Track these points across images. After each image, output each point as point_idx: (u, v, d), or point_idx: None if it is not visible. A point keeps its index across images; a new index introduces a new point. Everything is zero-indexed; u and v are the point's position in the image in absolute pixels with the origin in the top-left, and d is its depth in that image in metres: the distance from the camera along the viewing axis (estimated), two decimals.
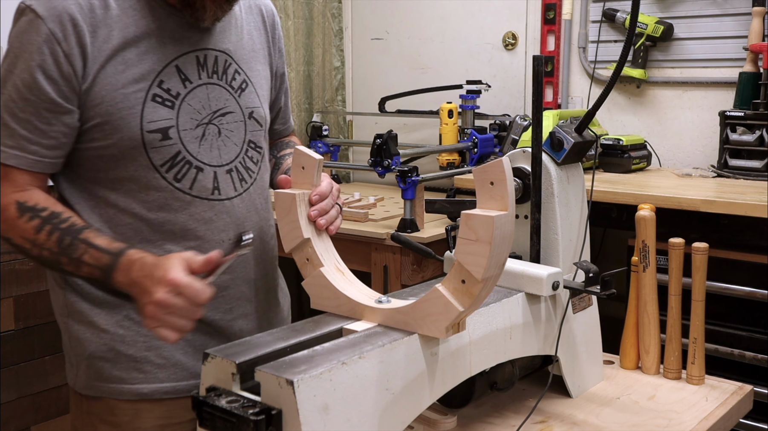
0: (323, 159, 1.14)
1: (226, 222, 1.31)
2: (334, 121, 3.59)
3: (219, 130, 1.30)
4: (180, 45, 1.26)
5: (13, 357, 2.64)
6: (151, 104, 1.23)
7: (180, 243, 1.27)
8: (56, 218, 1.18)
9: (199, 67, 1.28)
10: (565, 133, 1.31)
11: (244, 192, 1.34)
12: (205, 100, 1.28)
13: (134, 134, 1.22)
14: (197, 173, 1.27)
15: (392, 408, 0.99)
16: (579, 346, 1.37)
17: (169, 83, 1.24)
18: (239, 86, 1.34)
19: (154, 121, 1.23)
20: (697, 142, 2.83)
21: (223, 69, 1.32)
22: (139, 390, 1.28)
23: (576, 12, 3.02)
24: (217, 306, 1.32)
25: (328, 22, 3.51)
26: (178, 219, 1.27)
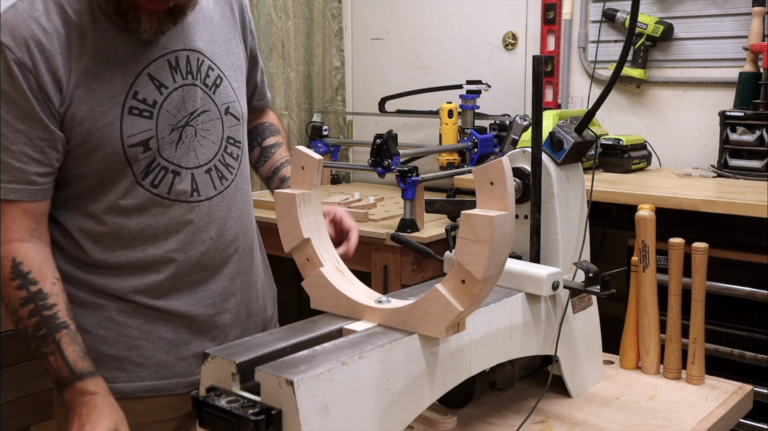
0: (323, 159, 1.14)
1: (206, 222, 1.32)
2: (334, 121, 3.59)
3: (195, 131, 1.30)
4: (148, 51, 1.24)
5: (13, 357, 2.64)
6: (129, 117, 1.22)
7: (160, 247, 1.29)
8: (42, 300, 1.19)
9: (172, 71, 1.27)
10: (565, 133, 1.31)
11: (224, 189, 1.35)
12: (181, 103, 1.28)
13: (116, 150, 1.22)
14: (174, 177, 1.28)
15: (392, 408, 0.99)
16: (579, 346, 1.37)
17: (144, 92, 1.23)
18: (213, 83, 1.33)
19: (134, 134, 1.23)
20: (697, 142, 2.83)
21: (197, 68, 1.30)
22: (121, 388, 1.29)
23: (576, 12, 3.02)
24: (198, 302, 1.34)
25: (328, 22, 3.51)
26: (158, 223, 1.28)
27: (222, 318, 1.38)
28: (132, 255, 1.28)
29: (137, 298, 1.31)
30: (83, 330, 1.28)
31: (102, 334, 1.30)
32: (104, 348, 1.30)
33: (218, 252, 1.36)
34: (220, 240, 1.35)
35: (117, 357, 1.30)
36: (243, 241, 1.42)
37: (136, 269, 1.30)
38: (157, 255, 1.30)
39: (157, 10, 1.18)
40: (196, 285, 1.35)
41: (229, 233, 1.37)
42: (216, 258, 1.36)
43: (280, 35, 3.24)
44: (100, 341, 1.30)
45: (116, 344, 1.30)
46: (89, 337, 1.29)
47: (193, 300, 1.34)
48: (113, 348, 1.30)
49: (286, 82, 3.29)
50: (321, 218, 1.15)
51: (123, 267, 1.29)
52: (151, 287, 1.31)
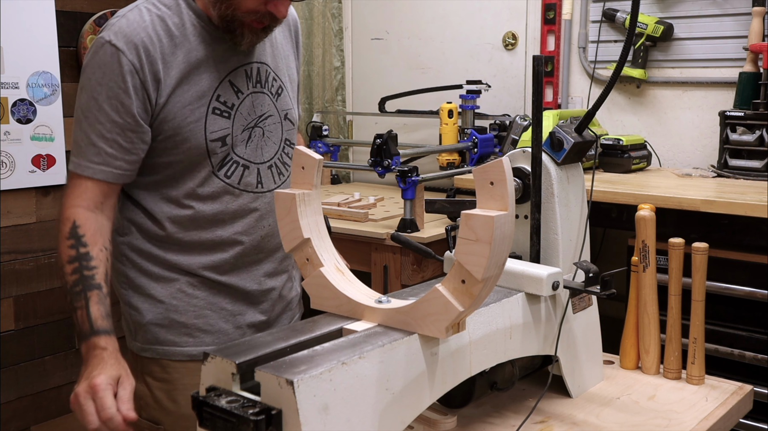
0: (323, 159, 1.14)
1: (268, 210, 1.53)
2: (334, 121, 3.59)
3: (263, 132, 1.51)
4: (230, 62, 1.45)
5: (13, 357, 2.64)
6: (212, 116, 1.43)
7: (228, 230, 1.49)
8: (86, 261, 1.34)
9: (247, 79, 1.48)
10: (565, 133, 1.31)
11: (282, 183, 1.55)
12: (251, 107, 1.49)
13: (200, 144, 1.42)
14: (244, 170, 1.48)
15: (392, 408, 0.99)
16: (579, 346, 1.37)
17: (225, 96, 1.44)
18: (276, 91, 1.54)
19: (215, 131, 1.43)
20: (697, 142, 2.83)
21: (265, 78, 1.52)
22: (189, 352, 1.50)
23: (576, 12, 3.02)
24: (253, 278, 1.54)
25: (328, 22, 3.51)
26: (228, 209, 1.48)
27: (271, 294, 1.58)
28: (204, 235, 1.48)
29: (205, 273, 1.49)
30: (158, 300, 1.49)
31: (174, 304, 1.49)
32: (175, 316, 1.49)
33: (275, 236, 1.53)
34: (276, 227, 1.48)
35: (186, 324, 1.50)
36: None
37: (207, 248, 1.49)
38: (225, 237, 1.49)
39: (257, 28, 1.41)
40: (254, 264, 1.54)
41: None
42: (272, 242, 1.54)
43: None
44: (172, 310, 1.49)
45: (186, 313, 1.49)
46: (163, 307, 1.49)
47: (250, 277, 1.54)
48: (183, 316, 1.49)
49: None
50: (321, 218, 1.15)
51: (195, 246, 1.48)
52: (218, 264, 1.50)
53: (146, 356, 1.52)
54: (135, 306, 1.51)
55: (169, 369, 1.51)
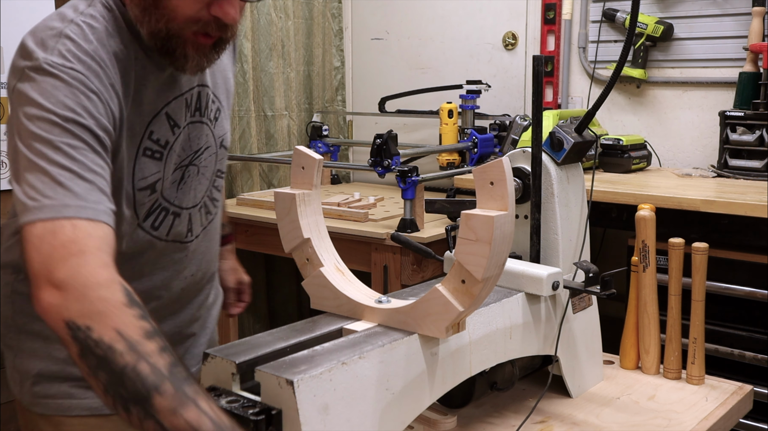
0: (323, 159, 1.14)
1: (192, 259, 1.31)
2: (334, 121, 3.59)
3: (198, 170, 1.27)
4: (171, 90, 1.18)
5: None
6: (142, 160, 1.15)
7: (146, 282, 1.24)
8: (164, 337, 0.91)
9: (186, 109, 1.22)
10: (565, 133, 1.31)
11: (208, 224, 1.33)
12: (186, 141, 1.23)
13: (127, 193, 1.16)
14: (174, 219, 1.24)
15: (392, 408, 0.99)
16: (579, 346, 1.37)
17: (159, 133, 1.17)
18: (215, 116, 1.30)
19: (144, 177, 1.16)
20: (697, 142, 2.83)
21: (205, 104, 1.26)
22: (89, 405, 1.24)
23: (576, 12, 3.02)
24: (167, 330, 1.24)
25: (328, 22, 3.51)
26: (147, 260, 1.24)
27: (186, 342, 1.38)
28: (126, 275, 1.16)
29: None
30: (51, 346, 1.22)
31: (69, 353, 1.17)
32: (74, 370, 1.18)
33: (195, 284, 1.35)
34: (198, 275, 1.35)
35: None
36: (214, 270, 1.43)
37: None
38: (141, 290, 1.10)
39: (205, 44, 1.12)
40: (170, 316, 1.33)
41: (206, 266, 1.38)
42: (192, 290, 1.35)
43: (280, 35, 3.24)
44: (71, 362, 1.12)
45: None
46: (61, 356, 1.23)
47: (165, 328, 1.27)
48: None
49: (286, 82, 3.29)
50: (321, 218, 1.15)
51: None
52: None
53: (36, 411, 1.25)
54: (24, 352, 1.26)
55: (62, 427, 1.24)
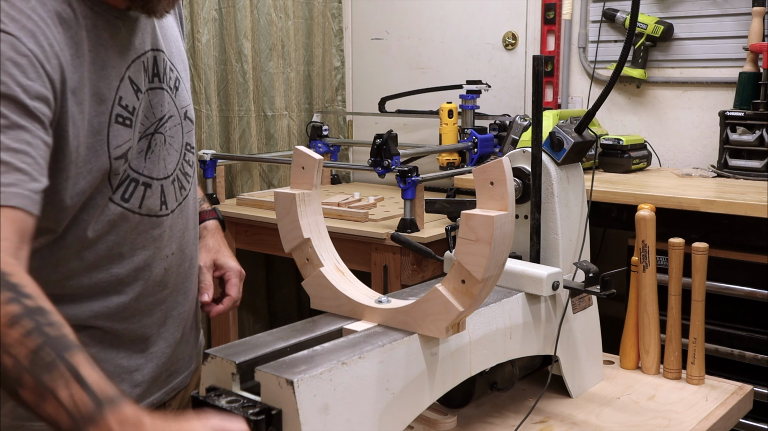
0: (323, 159, 1.14)
1: (170, 236, 1.23)
2: (334, 121, 3.59)
3: (164, 138, 1.21)
4: (129, 53, 1.13)
5: None
6: (115, 127, 1.10)
7: (126, 265, 1.18)
8: (43, 317, 0.84)
9: (145, 73, 1.16)
10: (565, 133, 1.31)
11: (183, 200, 1.27)
12: (149, 108, 1.17)
13: (103, 164, 1.09)
14: (145, 190, 1.17)
15: (392, 408, 0.99)
16: (579, 346, 1.37)
17: (126, 98, 1.12)
18: (174, 85, 1.24)
19: (119, 146, 1.10)
20: (697, 142, 2.83)
21: (162, 70, 1.20)
22: None
23: (576, 12, 3.02)
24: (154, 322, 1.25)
25: (328, 22, 3.51)
26: (126, 240, 1.17)
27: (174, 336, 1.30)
28: (95, 276, 1.15)
29: (97, 323, 1.17)
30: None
31: None
32: None
33: (177, 267, 1.27)
34: (179, 255, 1.27)
35: None
36: (195, 252, 1.35)
37: (99, 291, 1.16)
38: (122, 275, 1.17)
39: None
40: (156, 305, 1.25)
41: (185, 246, 1.30)
42: (175, 274, 1.27)
43: (280, 35, 3.24)
44: None
45: None
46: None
47: (152, 320, 1.23)
48: None
49: (286, 82, 3.29)
50: (321, 218, 1.15)
51: (84, 292, 1.15)
52: (114, 310, 1.18)
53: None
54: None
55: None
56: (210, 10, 2.97)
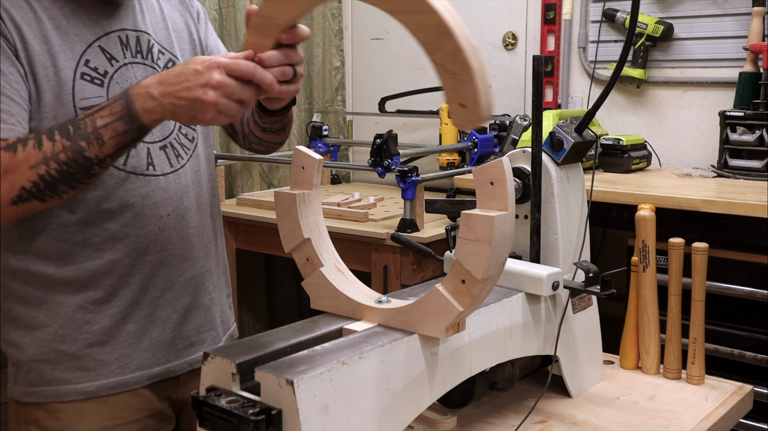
0: (323, 159, 1.14)
1: (164, 197, 1.30)
2: (334, 121, 3.59)
3: None
4: (99, 27, 1.26)
5: None
6: (81, 82, 1.21)
7: (118, 221, 1.26)
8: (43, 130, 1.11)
9: (123, 47, 1.28)
10: (565, 133, 1.31)
11: (180, 168, 1.33)
12: (133, 79, 1.27)
13: (68, 111, 1.20)
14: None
15: (392, 408, 0.99)
16: (579, 346, 1.37)
17: (96, 62, 1.24)
18: (165, 65, 1.34)
19: (86, 98, 1.21)
20: (697, 142, 2.83)
21: (147, 49, 1.31)
22: (84, 388, 1.26)
23: (576, 12, 3.02)
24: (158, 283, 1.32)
25: (328, 22, 3.51)
26: (114, 196, 1.25)
27: (181, 302, 1.35)
28: (88, 231, 1.25)
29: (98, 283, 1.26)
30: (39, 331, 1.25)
31: (60, 333, 1.26)
32: (63, 347, 1.26)
33: (177, 230, 1.33)
34: (178, 218, 1.33)
35: (77, 356, 1.26)
36: (200, 222, 1.39)
37: (93, 248, 1.25)
38: (114, 230, 1.26)
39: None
40: (157, 267, 1.31)
41: (189, 215, 1.35)
42: (176, 238, 1.33)
43: None
44: (58, 340, 1.26)
45: (76, 341, 1.26)
46: (47, 338, 1.26)
47: (153, 284, 1.31)
48: (73, 346, 1.26)
49: None
50: (321, 218, 1.15)
51: (79, 249, 1.25)
52: (111, 268, 1.27)
53: (30, 401, 1.27)
54: (12, 342, 1.28)
55: (58, 414, 1.26)
56: (210, 10, 2.97)
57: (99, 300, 1.27)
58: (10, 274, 1.27)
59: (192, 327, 1.38)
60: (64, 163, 1.08)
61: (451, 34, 0.90)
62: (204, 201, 1.40)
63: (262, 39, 1.08)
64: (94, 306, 1.27)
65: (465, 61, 0.90)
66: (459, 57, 0.89)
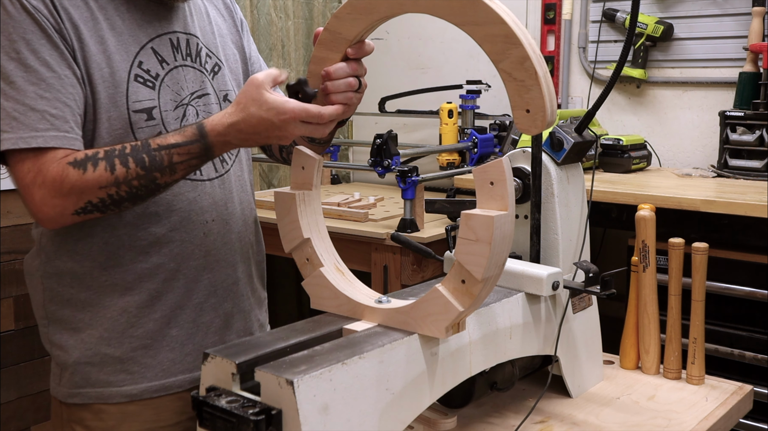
0: (323, 159, 1.14)
1: (209, 202, 1.32)
2: None
3: (197, 112, 1.32)
4: (152, 28, 1.28)
5: (13, 357, 2.64)
6: (134, 84, 1.23)
7: (164, 224, 1.27)
8: (115, 151, 1.14)
9: (174, 49, 1.30)
10: (565, 133, 1.31)
11: (224, 173, 1.35)
12: (183, 81, 1.30)
13: (121, 114, 1.21)
14: None
15: (392, 408, 0.99)
16: (579, 346, 1.37)
17: (148, 64, 1.25)
18: (212, 69, 1.37)
19: (139, 100, 1.23)
20: (697, 142, 2.83)
21: (196, 52, 1.34)
22: (128, 391, 1.28)
23: (576, 12, 3.02)
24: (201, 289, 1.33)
25: None
26: (162, 200, 1.26)
27: (223, 307, 1.36)
28: (135, 234, 1.26)
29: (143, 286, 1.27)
30: (84, 333, 1.26)
31: (105, 336, 1.27)
32: (108, 351, 1.27)
33: (221, 235, 1.34)
34: (221, 224, 1.34)
35: (122, 359, 1.27)
36: (244, 229, 1.41)
37: (139, 251, 1.26)
38: (160, 234, 1.27)
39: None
40: (201, 271, 1.32)
41: (233, 221, 1.37)
42: (219, 243, 1.34)
43: (280, 35, 3.24)
44: (103, 343, 1.27)
45: (121, 345, 1.27)
46: (92, 341, 1.27)
47: (198, 288, 1.32)
48: (118, 350, 1.27)
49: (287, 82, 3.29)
50: (321, 218, 1.15)
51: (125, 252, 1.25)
52: (156, 271, 1.28)
53: (75, 403, 1.28)
54: (58, 344, 1.29)
55: (102, 415, 1.28)
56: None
57: (143, 303, 1.28)
58: (57, 277, 1.27)
59: (234, 332, 1.39)
60: (135, 187, 1.14)
61: (519, 43, 0.94)
62: (246, 206, 1.42)
63: (329, 53, 1.14)
64: (138, 310, 1.28)
65: (532, 68, 0.93)
66: (527, 64, 0.93)
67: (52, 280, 1.28)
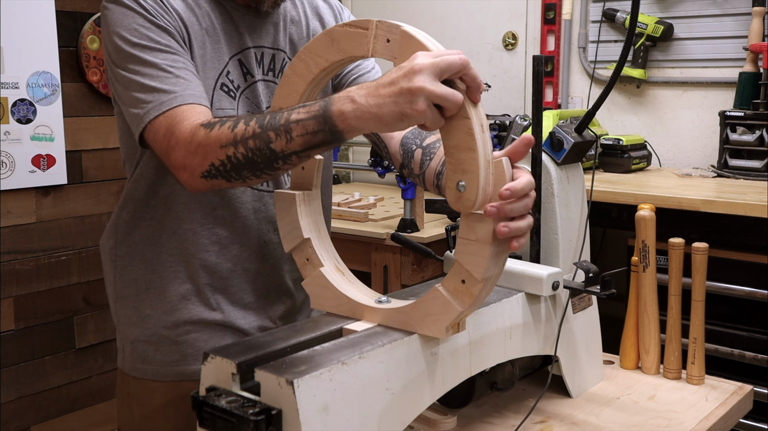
0: (323, 159, 1.14)
1: (272, 213, 1.34)
2: None
3: None
4: (243, 39, 1.30)
5: (13, 357, 2.64)
6: (219, 92, 1.27)
7: (228, 228, 1.32)
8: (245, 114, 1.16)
9: (257, 63, 1.32)
10: (565, 133, 1.31)
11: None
12: (263, 95, 1.32)
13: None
14: None
15: (392, 408, 0.99)
16: (579, 346, 1.37)
17: (233, 75, 1.29)
18: None
19: (222, 108, 1.27)
20: (697, 142, 2.83)
21: (280, 68, 1.35)
22: (180, 371, 1.34)
23: (576, 12, 3.02)
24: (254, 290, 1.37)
25: None
26: (231, 204, 1.31)
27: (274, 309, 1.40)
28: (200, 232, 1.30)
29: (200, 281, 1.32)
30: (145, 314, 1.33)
31: (164, 319, 1.33)
32: (165, 333, 1.33)
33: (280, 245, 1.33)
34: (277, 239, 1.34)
35: (177, 341, 1.34)
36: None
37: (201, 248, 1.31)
38: (222, 236, 1.31)
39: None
40: (256, 275, 1.36)
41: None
42: (278, 251, 1.36)
43: None
44: (161, 326, 1.33)
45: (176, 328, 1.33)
46: (151, 322, 1.33)
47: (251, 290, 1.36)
48: (173, 333, 1.33)
49: None
50: (321, 218, 1.15)
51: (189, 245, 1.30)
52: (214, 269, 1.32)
53: (134, 375, 1.37)
54: (123, 320, 1.38)
55: (155, 392, 1.35)
56: None
57: (200, 293, 1.33)
58: (127, 257, 1.34)
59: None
60: (251, 149, 1.03)
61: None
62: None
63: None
64: (195, 297, 1.33)
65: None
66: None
67: (123, 260, 1.35)
